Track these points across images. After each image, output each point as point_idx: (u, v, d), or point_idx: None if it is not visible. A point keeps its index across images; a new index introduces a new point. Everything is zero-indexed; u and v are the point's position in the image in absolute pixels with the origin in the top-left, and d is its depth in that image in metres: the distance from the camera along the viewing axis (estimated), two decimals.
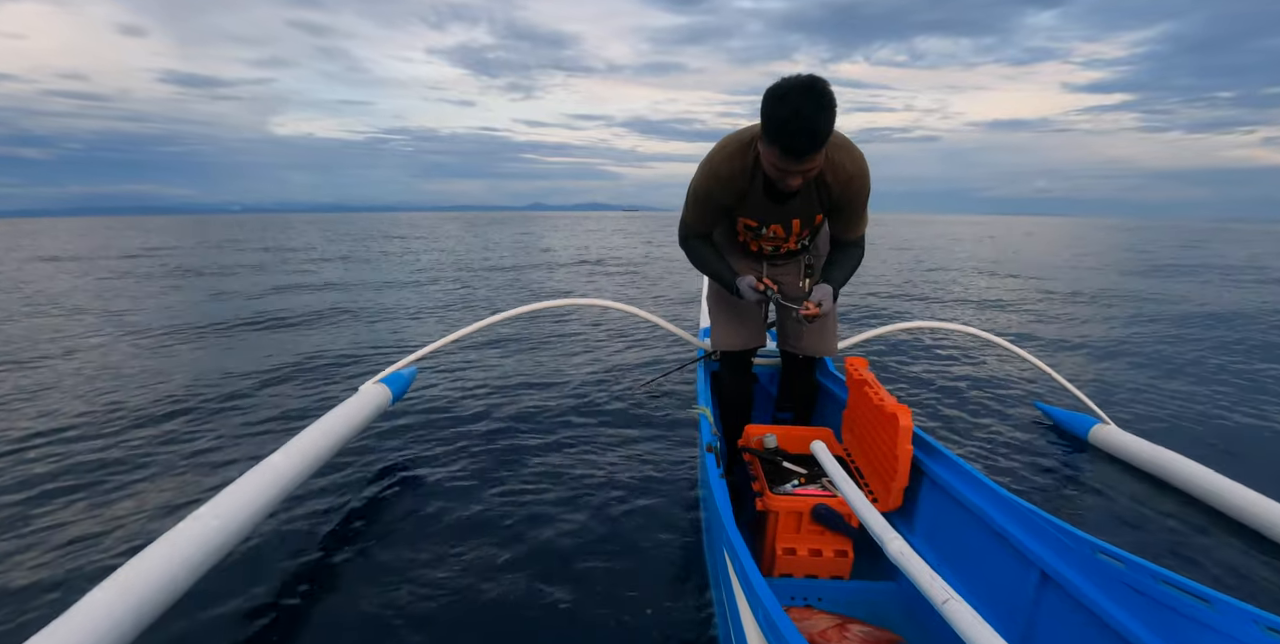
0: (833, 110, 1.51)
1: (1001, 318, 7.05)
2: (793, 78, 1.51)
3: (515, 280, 10.13)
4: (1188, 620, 1.06)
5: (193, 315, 6.45)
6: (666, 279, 10.52)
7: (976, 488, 1.61)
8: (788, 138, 1.52)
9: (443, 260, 13.94)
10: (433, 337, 5.19)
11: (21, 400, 3.59)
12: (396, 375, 2.87)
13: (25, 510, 2.32)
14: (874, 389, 1.93)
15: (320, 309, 6.84)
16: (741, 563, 1.18)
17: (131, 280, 9.77)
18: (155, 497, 2.44)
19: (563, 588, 1.90)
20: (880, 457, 1.84)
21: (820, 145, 1.54)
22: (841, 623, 1.49)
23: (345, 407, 2.43)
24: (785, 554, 1.76)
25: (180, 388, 3.83)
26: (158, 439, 3.02)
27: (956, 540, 1.68)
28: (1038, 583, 1.36)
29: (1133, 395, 4.02)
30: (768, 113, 1.53)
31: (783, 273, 2.19)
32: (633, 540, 2.18)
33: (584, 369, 4.42)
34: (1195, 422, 3.55)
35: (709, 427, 1.92)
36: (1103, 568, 1.21)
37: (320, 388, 3.92)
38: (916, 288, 9.54)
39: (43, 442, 2.97)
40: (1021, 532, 1.43)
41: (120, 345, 5.07)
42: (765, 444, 2.04)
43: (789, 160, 1.57)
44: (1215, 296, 8.81)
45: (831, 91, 1.50)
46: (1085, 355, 5.23)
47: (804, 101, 1.48)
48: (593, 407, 3.61)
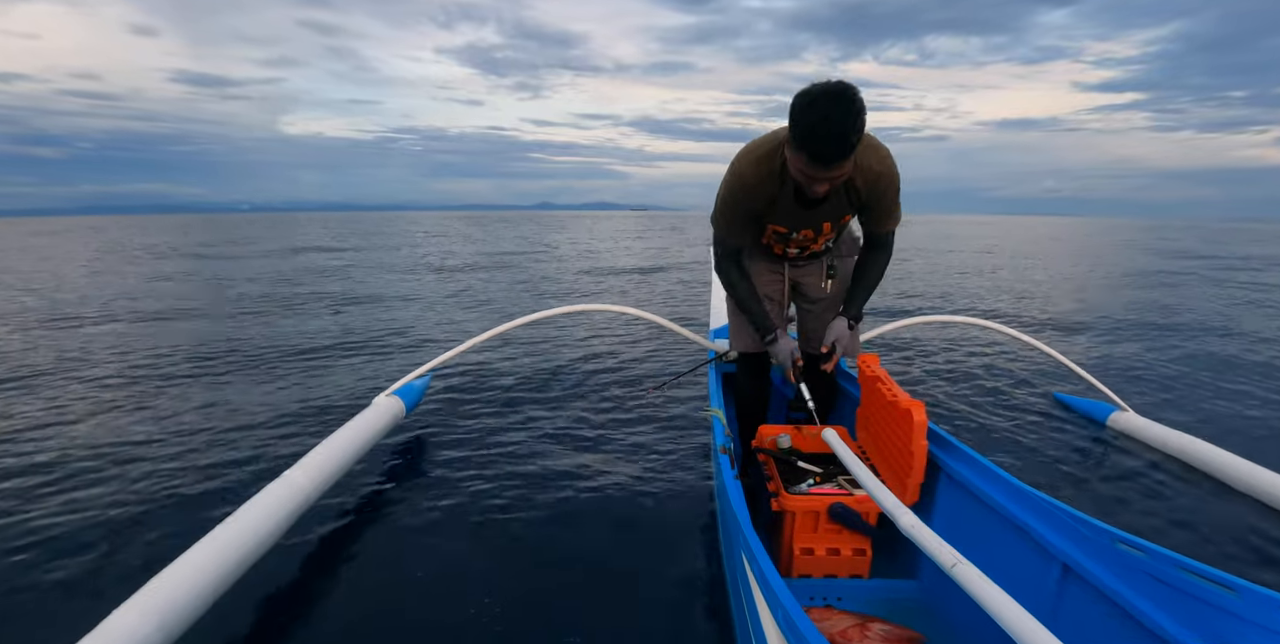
0: (862, 117, 1.48)
1: (1013, 308, 6.99)
2: (822, 83, 1.49)
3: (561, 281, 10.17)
4: (1215, 610, 1.04)
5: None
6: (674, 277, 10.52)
7: (994, 482, 1.59)
8: (816, 144, 1.49)
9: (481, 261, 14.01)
10: (445, 346, 5.22)
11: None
12: (409, 387, 2.89)
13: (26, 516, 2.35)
14: (887, 385, 1.92)
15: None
16: (759, 564, 1.18)
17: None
18: (176, 509, 2.46)
19: (579, 590, 1.91)
20: (895, 453, 1.83)
21: (849, 152, 1.51)
22: (862, 622, 1.48)
23: (359, 420, 2.45)
24: (803, 554, 1.75)
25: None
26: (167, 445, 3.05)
27: (976, 536, 1.66)
28: (1060, 576, 1.34)
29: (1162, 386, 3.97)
30: (796, 118, 1.51)
31: (805, 274, 2.19)
32: (649, 543, 2.17)
33: (594, 373, 4.42)
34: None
35: (721, 428, 1.92)
36: (1125, 559, 1.19)
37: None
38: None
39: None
40: (1041, 524, 1.42)
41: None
42: (779, 444, 2.03)
43: (817, 167, 1.54)
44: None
45: (861, 98, 1.47)
46: (1104, 344, 5.18)
47: (833, 107, 1.45)
48: (605, 410, 3.61)
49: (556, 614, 1.81)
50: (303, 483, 1.93)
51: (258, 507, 1.75)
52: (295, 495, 1.87)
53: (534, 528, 2.29)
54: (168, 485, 2.74)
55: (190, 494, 2.65)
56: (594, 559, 2.09)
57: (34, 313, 7.10)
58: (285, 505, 1.81)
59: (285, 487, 1.87)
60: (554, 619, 1.79)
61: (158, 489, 2.70)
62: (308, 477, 1.97)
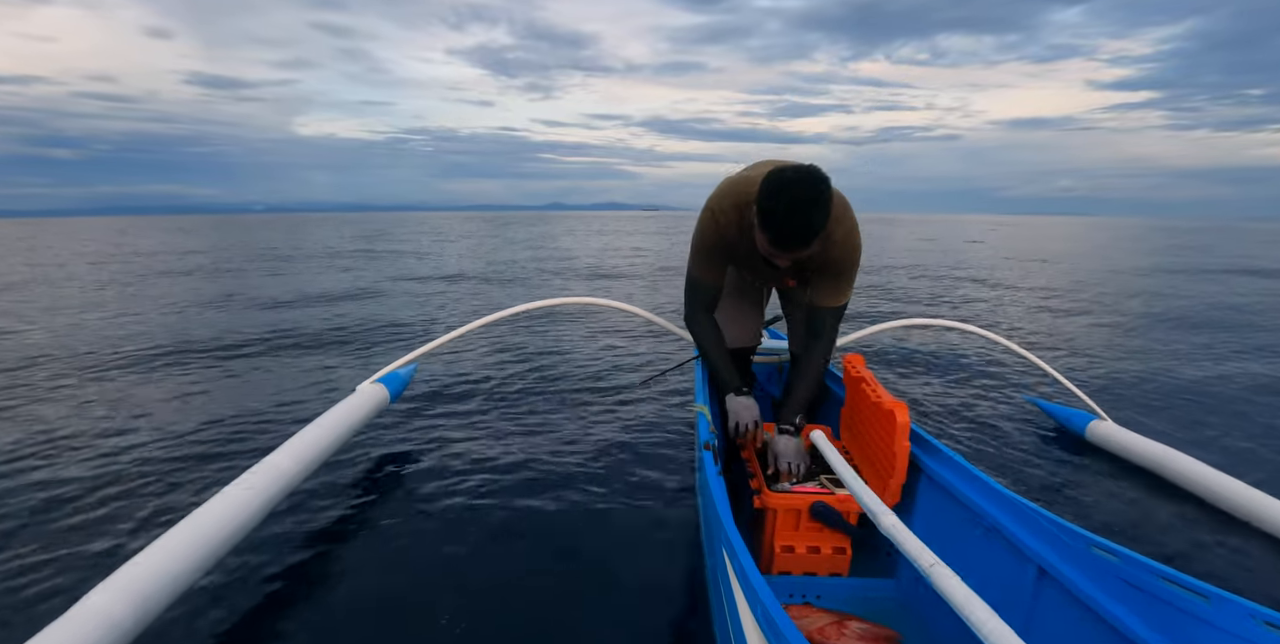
0: (828, 206, 1.50)
1: (1003, 315, 7.06)
2: (790, 169, 1.50)
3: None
4: (1185, 616, 1.06)
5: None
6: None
7: (974, 484, 1.61)
8: (779, 230, 1.51)
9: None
10: (431, 335, 5.19)
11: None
12: (394, 375, 2.87)
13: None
14: (871, 386, 1.93)
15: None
16: (740, 561, 1.18)
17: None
18: (160, 491, 2.44)
19: (558, 585, 1.90)
20: (878, 454, 1.84)
21: (812, 239, 1.53)
22: (840, 620, 1.50)
23: (343, 406, 2.43)
24: (784, 552, 1.76)
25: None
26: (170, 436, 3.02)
27: (954, 537, 1.68)
28: (1035, 579, 1.36)
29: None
30: (762, 202, 1.52)
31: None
32: (630, 538, 2.18)
33: (580, 366, 4.42)
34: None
35: (707, 424, 1.92)
36: (1100, 563, 1.21)
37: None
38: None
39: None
40: (1019, 527, 1.44)
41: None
42: (763, 442, 2.04)
43: (779, 250, 1.57)
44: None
45: (828, 186, 1.50)
46: (1087, 353, 5.25)
47: (800, 198, 1.47)
48: (590, 403, 3.61)
49: (534, 607, 1.81)
50: (285, 467, 1.91)
51: (238, 490, 1.73)
52: (278, 479, 1.85)
53: (513, 520, 2.28)
54: (146, 470, 2.71)
55: (173, 480, 2.63)
56: (574, 552, 2.09)
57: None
58: (268, 489, 1.79)
59: (268, 470, 1.85)
60: (532, 612, 1.79)
61: (135, 473, 2.67)
62: (290, 460, 1.95)
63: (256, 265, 12.31)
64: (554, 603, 1.83)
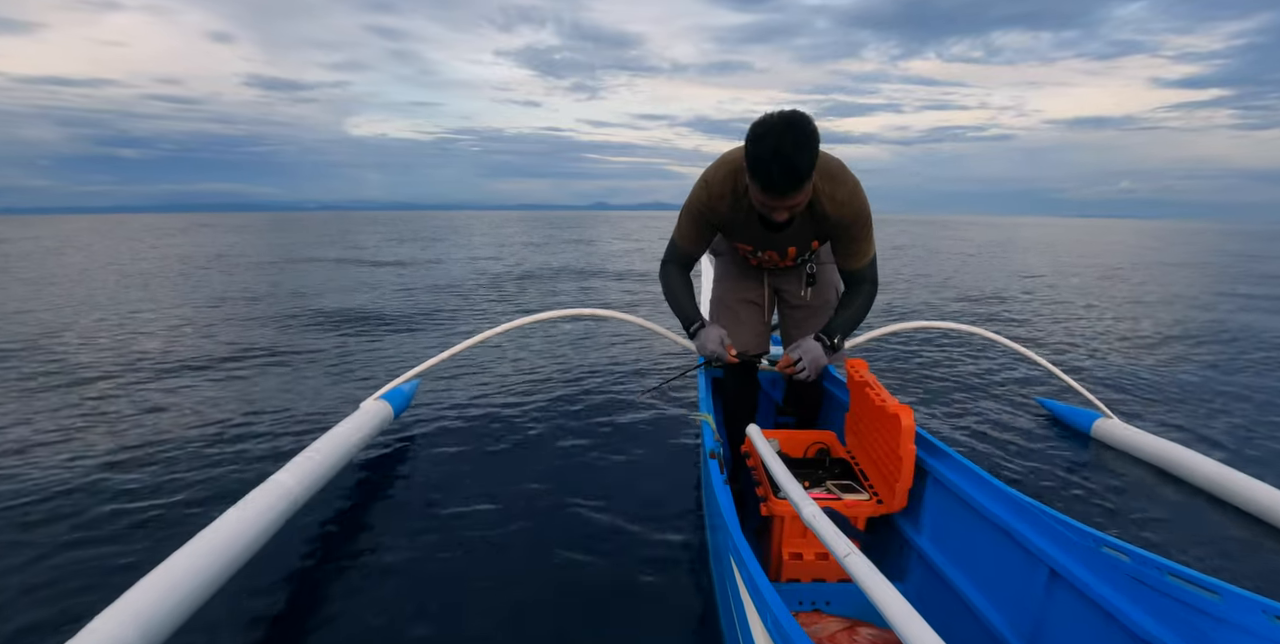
0: (813, 147, 1.53)
1: (1004, 315, 7.05)
2: (774, 114, 1.53)
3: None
4: (1197, 613, 1.06)
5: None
6: None
7: (981, 486, 1.61)
8: (767, 174, 1.54)
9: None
10: (434, 350, 5.19)
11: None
12: (397, 391, 2.87)
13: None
14: (875, 390, 1.93)
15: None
16: (748, 569, 1.18)
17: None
18: (161, 514, 2.43)
19: (565, 597, 1.90)
20: (884, 458, 1.84)
21: (800, 183, 1.56)
22: (851, 626, 1.49)
23: (347, 423, 2.44)
24: (792, 559, 1.75)
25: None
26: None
27: (964, 540, 1.67)
28: (1046, 580, 1.36)
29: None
30: (749, 149, 1.56)
31: (785, 281, 2.21)
32: (637, 549, 2.17)
33: (583, 378, 4.41)
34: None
35: (711, 433, 1.92)
36: (1110, 562, 1.20)
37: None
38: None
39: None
40: (1028, 529, 1.43)
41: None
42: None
43: (770, 196, 1.60)
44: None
45: (812, 128, 1.52)
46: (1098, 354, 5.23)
47: (783, 140, 1.50)
48: (594, 415, 3.60)
49: (542, 620, 1.80)
50: (290, 486, 1.92)
51: (243, 510, 1.73)
52: (284, 497, 1.85)
53: (520, 533, 2.28)
54: (153, 485, 2.70)
55: (183, 497, 2.62)
56: (581, 564, 2.08)
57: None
58: (273, 508, 1.79)
59: (273, 489, 1.85)
60: (540, 625, 1.78)
61: (144, 492, 2.66)
62: (294, 480, 1.96)
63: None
64: (562, 616, 1.82)
